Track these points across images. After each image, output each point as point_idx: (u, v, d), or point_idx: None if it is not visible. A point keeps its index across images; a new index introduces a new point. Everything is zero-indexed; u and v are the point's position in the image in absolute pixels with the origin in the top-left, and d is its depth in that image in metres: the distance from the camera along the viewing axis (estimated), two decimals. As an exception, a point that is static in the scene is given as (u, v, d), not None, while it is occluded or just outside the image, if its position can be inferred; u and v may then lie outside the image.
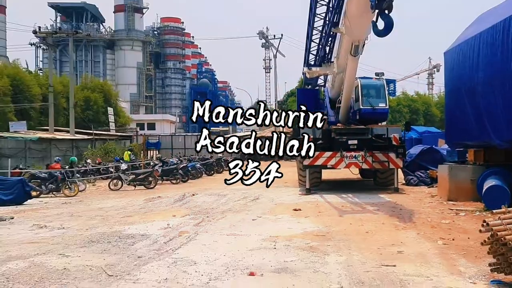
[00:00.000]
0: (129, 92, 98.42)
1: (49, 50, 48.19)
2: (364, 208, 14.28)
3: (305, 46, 22.35)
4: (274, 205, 15.37)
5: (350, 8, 13.97)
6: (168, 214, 13.89)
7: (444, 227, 10.89)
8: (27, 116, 42.83)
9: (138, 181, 22.81)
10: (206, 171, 30.42)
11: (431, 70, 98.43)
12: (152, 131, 71.14)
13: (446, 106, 18.45)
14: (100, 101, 53.46)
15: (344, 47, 16.40)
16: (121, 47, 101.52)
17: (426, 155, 21.16)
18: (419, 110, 63.97)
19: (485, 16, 15.78)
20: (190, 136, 54.24)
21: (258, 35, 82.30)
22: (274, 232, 10.64)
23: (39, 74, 57.98)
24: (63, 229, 11.90)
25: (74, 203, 17.69)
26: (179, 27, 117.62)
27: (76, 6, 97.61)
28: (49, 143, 33.94)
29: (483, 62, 13.85)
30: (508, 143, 13.14)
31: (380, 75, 20.19)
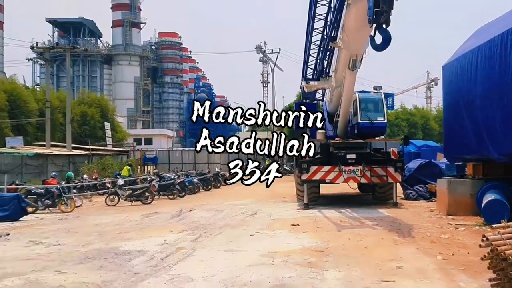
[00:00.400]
0: (126, 107, 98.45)
1: (47, 65, 48.26)
2: (362, 223, 14.19)
3: (303, 60, 22.38)
4: (272, 220, 15.26)
5: (348, 22, 14.00)
6: (165, 230, 13.77)
7: (444, 242, 10.81)
8: (23, 131, 42.74)
9: (135, 197, 22.66)
10: (204, 186, 30.27)
11: (429, 84, 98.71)
12: (149, 146, 71.00)
13: (445, 119, 18.44)
14: (97, 116, 53.45)
15: (342, 61, 16.41)
16: (119, 62, 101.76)
17: (425, 169, 21.08)
18: (417, 123, 64.10)
19: (483, 30, 15.84)
20: (188, 151, 54.07)
21: (256, 49, 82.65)
22: (272, 248, 10.55)
23: (36, 89, 57.99)
24: (59, 245, 11.78)
25: (70, 219, 17.54)
26: (177, 42, 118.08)
27: (74, 21, 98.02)
28: (45, 158, 33.81)
29: (481, 75, 13.86)
30: (507, 156, 13.10)
31: (378, 89, 20.18)
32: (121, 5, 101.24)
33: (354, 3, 12.50)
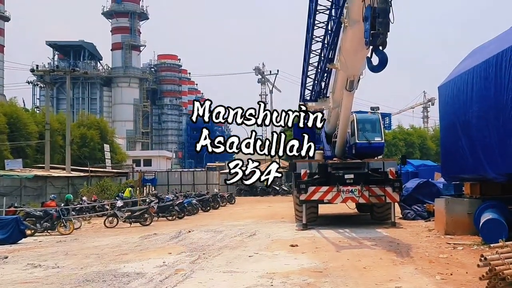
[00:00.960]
0: (125, 129, 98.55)
1: (46, 88, 48.48)
2: (361, 243, 14.19)
3: (301, 81, 22.59)
4: (271, 241, 15.25)
5: (344, 44, 14.15)
6: (164, 251, 13.75)
7: (442, 262, 10.81)
8: (23, 153, 42.79)
9: (133, 218, 22.62)
10: (202, 207, 30.25)
11: (426, 104, 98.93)
12: (148, 167, 70.98)
13: (442, 139, 18.53)
14: (96, 138, 53.56)
15: (339, 82, 16.54)
16: (118, 84, 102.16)
17: (422, 188, 21.12)
18: (414, 143, 64.24)
19: (478, 50, 16.01)
20: (186, 172, 54.16)
21: (255, 70, 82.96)
22: (271, 269, 10.55)
23: (36, 112, 58.15)
24: (58, 268, 11.77)
25: (69, 242, 17.52)
26: (176, 64, 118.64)
27: (74, 45, 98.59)
28: (44, 180, 33.77)
29: (477, 96, 13.99)
30: (504, 176, 13.16)
31: (376, 109, 20.34)
32: (121, 28, 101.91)
33: (351, 25, 12.67)
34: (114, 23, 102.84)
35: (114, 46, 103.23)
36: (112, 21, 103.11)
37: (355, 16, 12.11)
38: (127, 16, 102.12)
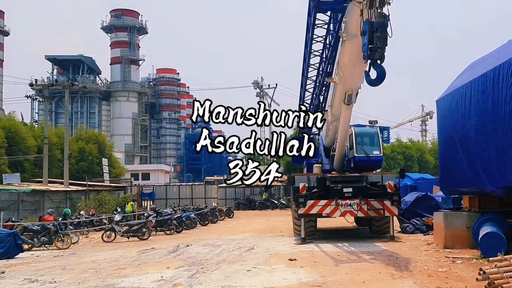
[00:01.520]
0: (124, 143, 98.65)
1: (45, 102, 48.61)
2: (360, 257, 14.14)
3: (299, 95, 22.67)
4: (269, 255, 15.18)
5: (343, 58, 14.20)
6: (162, 265, 13.69)
7: (441, 276, 10.77)
8: (21, 168, 42.81)
9: (131, 232, 22.53)
10: (201, 221, 30.14)
11: (424, 117, 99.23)
12: (146, 181, 70.99)
13: (440, 153, 18.54)
14: (94, 152, 53.61)
15: (338, 96, 16.58)
16: (117, 98, 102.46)
17: (421, 202, 21.07)
18: (413, 157, 64.31)
19: (476, 64, 16.08)
20: (185, 186, 54.12)
21: (253, 84, 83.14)
22: (269, 283, 10.50)
23: (35, 126, 58.22)
24: (55, 283, 11.71)
25: (66, 256, 17.44)
26: (175, 78, 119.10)
27: (73, 59, 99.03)
28: (42, 195, 33.72)
29: (475, 109, 14.03)
30: (502, 189, 13.15)
31: (374, 123, 20.37)
32: (120, 43, 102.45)
33: (349, 39, 12.72)
34: (113, 38, 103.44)
35: (113, 60, 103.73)
36: (111, 36, 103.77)
37: (353, 31, 12.16)
38: (126, 30, 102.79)
